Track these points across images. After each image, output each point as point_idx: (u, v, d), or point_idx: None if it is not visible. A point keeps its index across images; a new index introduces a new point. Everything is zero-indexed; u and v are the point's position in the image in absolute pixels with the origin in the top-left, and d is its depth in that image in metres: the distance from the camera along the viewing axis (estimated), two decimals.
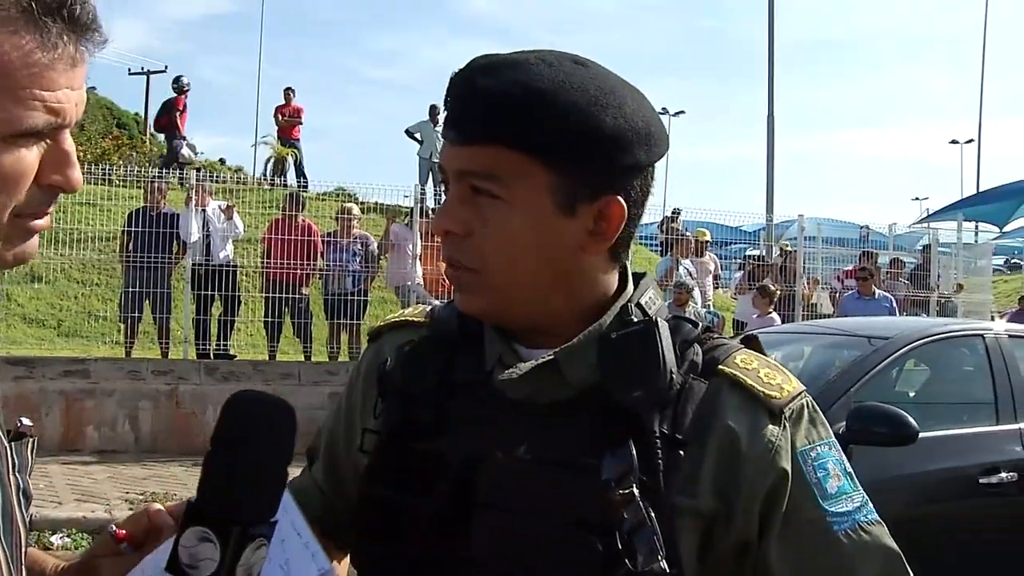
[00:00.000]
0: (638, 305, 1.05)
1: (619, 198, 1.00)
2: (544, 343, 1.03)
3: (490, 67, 0.97)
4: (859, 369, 4.55)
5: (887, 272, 12.47)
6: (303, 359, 9.97)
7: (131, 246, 9.61)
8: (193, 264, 9.66)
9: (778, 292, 10.63)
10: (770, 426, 1.00)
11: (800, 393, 1.04)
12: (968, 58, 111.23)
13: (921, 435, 4.04)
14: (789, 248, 12.83)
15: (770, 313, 10.26)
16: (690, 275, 10.89)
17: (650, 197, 1.05)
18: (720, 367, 1.02)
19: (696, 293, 10.64)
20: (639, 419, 0.96)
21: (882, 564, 1.01)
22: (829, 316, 11.04)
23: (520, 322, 1.04)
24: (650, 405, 0.97)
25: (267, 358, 9.82)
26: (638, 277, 1.10)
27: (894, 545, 1.03)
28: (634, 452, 0.94)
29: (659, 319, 1.03)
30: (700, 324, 1.08)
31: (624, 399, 0.97)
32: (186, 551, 0.87)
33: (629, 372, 0.98)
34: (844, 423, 4.09)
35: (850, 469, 1.04)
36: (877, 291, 10.24)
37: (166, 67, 31.17)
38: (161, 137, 17.62)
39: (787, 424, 1.01)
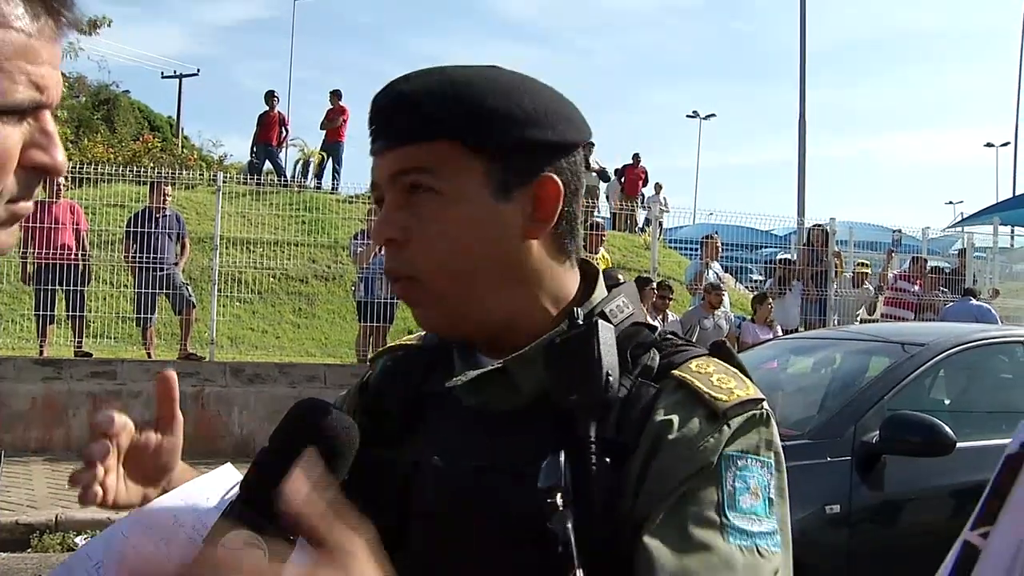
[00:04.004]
0: (601, 313, 1.02)
1: (552, 175, 1.00)
2: (507, 355, 1.02)
3: (408, 77, 1.01)
4: (893, 376, 4.44)
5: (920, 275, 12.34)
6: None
7: (134, 248, 9.57)
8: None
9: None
10: (704, 423, 0.95)
11: (753, 401, 0.97)
12: (1004, 59, 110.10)
13: (958, 445, 3.92)
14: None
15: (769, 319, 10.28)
16: (719, 278, 10.83)
17: (584, 181, 1.06)
18: (673, 371, 0.99)
19: (726, 296, 10.56)
20: (575, 424, 0.94)
21: None
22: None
23: (481, 332, 1.03)
24: (586, 409, 0.94)
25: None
26: (616, 284, 1.08)
27: None
28: (562, 459, 0.89)
29: (600, 321, 0.98)
30: (660, 330, 1.06)
31: (561, 404, 0.95)
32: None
33: (567, 376, 0.96)
34: (877, 432, 3.99)
35: (773, 496, 0.95)
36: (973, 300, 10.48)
37: (198, 70, 31.60)
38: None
39: (726, 427, 0.94)
